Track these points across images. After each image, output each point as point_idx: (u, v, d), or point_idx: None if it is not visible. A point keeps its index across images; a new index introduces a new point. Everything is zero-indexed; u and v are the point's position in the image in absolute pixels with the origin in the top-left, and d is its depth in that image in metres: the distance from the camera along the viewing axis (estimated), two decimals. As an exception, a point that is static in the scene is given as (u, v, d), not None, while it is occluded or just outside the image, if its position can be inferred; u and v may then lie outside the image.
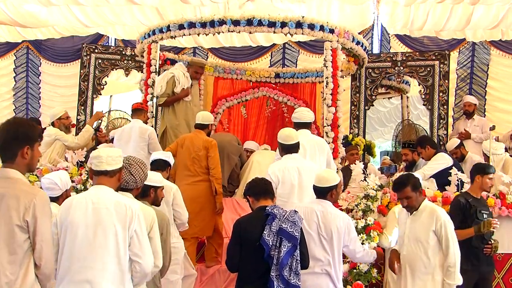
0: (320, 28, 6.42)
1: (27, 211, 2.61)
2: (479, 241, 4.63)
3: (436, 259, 3.98)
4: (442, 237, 3.95)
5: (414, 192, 4.08)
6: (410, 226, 4.10)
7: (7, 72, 12.10)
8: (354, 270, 4.76)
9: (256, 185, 3.92)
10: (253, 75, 8.93)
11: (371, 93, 8.28)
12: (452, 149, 6.81)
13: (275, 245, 3.54)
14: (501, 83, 10.42)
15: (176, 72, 6.97)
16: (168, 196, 4.58)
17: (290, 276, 3.50)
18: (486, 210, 4.77)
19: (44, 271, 2.68)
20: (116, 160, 3.16)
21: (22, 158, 2.72)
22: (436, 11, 9.28)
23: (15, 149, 2.71)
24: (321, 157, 5.18)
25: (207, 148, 5.63)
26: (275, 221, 3.59)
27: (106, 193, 3.05)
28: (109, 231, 2.95)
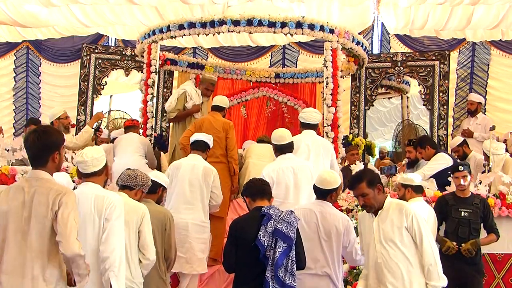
0: (320, 28, 6.42)
1: (54, 204, 2.88)
2: (454, 238, 4.70)
3: (416, 260, 3.50)
4: (415, 232, 3.48)
5: (371, 189, 3.57)
6: (379, 229, 3.57)
7: (7, 72, 12.10)
8: (354, 270, 4.75)
9: (253, 185, 3.91)
10: (253, 75, 8.93)
11: (371, 93, 8.28)
12: (454, 147, 6.82)
13: (271, 246, 3.53)
14: (502, 83, 10.41)
15: (188, 88, 6.89)
16: (209, 178, 4.99)
17: (286, 277, 3.50)
18: (469, 209, 4.78)
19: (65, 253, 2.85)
20: (100, 160, 3.47)
21: (52, 163, 3.05)
22: (436, 11, 9.28)
23: (46, 156, 3.03)
24: (325, 158, 5.20)
25: (226, 129, 5.78)
26: (271, 221, 3.58)
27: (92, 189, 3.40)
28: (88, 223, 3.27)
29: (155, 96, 7.21)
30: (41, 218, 2.89)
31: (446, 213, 4.84)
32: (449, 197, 4.96)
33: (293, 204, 4.52)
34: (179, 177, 4.98)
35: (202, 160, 5.14)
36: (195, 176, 5.02)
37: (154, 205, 4.13)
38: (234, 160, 5.74)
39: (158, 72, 7.34)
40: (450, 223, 4.79)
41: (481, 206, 4.86)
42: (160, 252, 3.97)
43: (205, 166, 5.08)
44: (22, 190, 2.96)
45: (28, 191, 2.94)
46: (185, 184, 4.97)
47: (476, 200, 4.90)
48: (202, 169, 5.04)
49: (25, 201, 2.92)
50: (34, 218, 2.90)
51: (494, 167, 6.12)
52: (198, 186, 4.98)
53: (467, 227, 4.73)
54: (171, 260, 4.14)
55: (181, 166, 5.07)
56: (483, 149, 6.70)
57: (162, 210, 4.20)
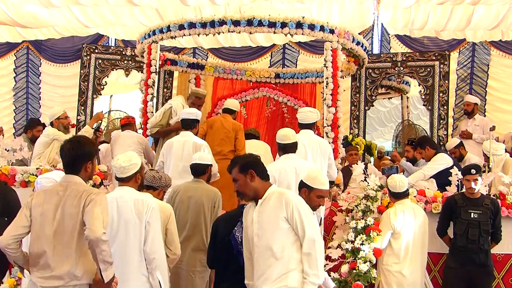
0: (320, 28, 6.42)
1: (85, 203, 3.08)
2: (463, 240, 4.69)
3: (293, 255, 3.18)
4: (296, 223, 3.15)
5: (242, 175, 3.31)
6: (258, 220, 3.25)
7: (7, 72, 12.12)
8: (353, 270, 4.74)
9: None
10: (253, 75, 8.93)
11: (371, 94, 8.28)
12: (451, 149, 6.81)
13: None
14: (501, 83, 10.42)
15: (174, 103, 6.46)
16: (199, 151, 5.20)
17: None
18: (479, 210, 4.77)
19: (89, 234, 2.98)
20: (135, 165, 3.61)
21: (85, 172, 3.28)
22: (436, 12, 9.28)
23: (80, 165, 3.25)
24: (322, 158, 5.19)
25: (236, 130, 6.06)
26: None
27: (129, 193, 3.55)
28: (130, 225, 3.44)
29: (155, 96, 7.20)
30: (73, 219, 3.09)
31: (455, 214, 4.80)
32: (458, 197, 4.89)
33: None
34: (172, 154, 5.37)
35: (192, 136, 5.53)
36: (186, 152, 5.39)
37: (204, 184, 4.71)
38: (242, 149, 5.99)
39: (158, 72, 7.34)
40: (460, 225, 4.74)
41: (491, 206, 4.83)
42: (208, 226, 4.43)
43: (195, 141, 5.44)
44: (57, 193, 3.16)
45: (62, 195, 3.15)
46: (177, 160, 5.34)
47: (486, 200, 4.86)
48: (192, 144, 5.41)
49: (58, 203, 3.13)
50: (66, 219, 3.10)
51: (494, 168, 6.12)
52: (189, 160, 5.12)
53: (477, 229, 4.70)
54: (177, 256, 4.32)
55: (173, 144, 5.49)
56: (482, 149, 6.69)
57: (212, 189, 4.68)
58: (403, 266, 4.70)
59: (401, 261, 4.71)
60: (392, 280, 4.71)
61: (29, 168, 5.96)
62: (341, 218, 5.32)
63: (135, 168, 3.61)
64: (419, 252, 4.80)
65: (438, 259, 5.20)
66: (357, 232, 4.94)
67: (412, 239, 4.74)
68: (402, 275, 4.67)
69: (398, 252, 4.73)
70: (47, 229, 3.10)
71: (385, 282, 4.74)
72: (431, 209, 5.24)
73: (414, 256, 4.74)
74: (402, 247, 4.73)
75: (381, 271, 4.77)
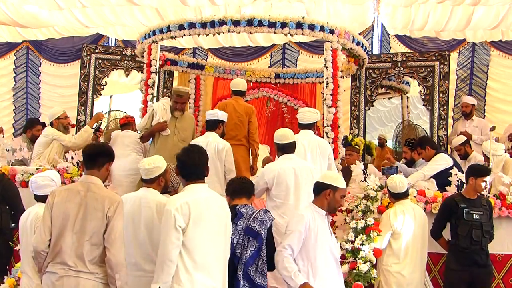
0: (320, 28, 6.42)
1: (109, 211, 3.28)
2: (467, 242, 4.68)
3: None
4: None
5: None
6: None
7: (7, 72, 12.12)
8: (353, 270, 4.75)
9: (232, 184, 3.97)
10: (253, 75, 8.92)
11: (371, 94, 8.27)
12: (457, 145, 6.81)
13: (241, 244, 3.53)
14: (501, 84, 10.42)
15: (155, 104, 6.20)
16: (222, 153, 5.31)
17: (256, 276, 3.49)
18: (480, 211, 4.77)
19: (111, 258, 3.23)
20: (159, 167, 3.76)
21: (106, 170, 3.53)
22: (436, 12, 9.28)
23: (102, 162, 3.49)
24: (322, 158, 5.19)
25: (249, 113, 5.95)
26: (241, 219, 3.59)
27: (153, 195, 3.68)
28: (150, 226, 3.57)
29: (155, 96, 7.19)
30: (96, 222, 3.28)
31: (456, 216, 4.77)
32: (458, 198, 4.85)
33: (294, 205, 4.51)
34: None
35: (216, 136, 5.44)
36: (208, 153, 5.18)
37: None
38: (256, 143, 5.94)
39: (158, 73, 7.32)
40: (463, 226, 4.71)
41: (488, 207, 4.87)
42: None
43: (218, 142, 5.38)
44: (78, 193, 3.35)
45: (84, 195, 3.33)
46: None
47: (483, 201, 4.88)
48: (214, 145, 5.34)
49: (80, 203, 3.31)
50: (89, 220, 3.28)
51: (494, 168, 6.12)
52: (212, 161, 5.10)
53: (479, 230, 4.71)
54: None
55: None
56: (482, 150, 6.69)
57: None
58: (403, 266, 4.71)
59: (401, 262, 4.72)
60: (392, 280, 4.72)
61: (29, 168, 5.96)
62: (341, 218, 5.33)
63: (159, 171, 3.74)
64: (419, 253, 4.80)
65: (438, 259, 5.21)
66: (357, 232, 4.95)
67: (412, 240, 4.74)
68: (402, 276, 4.68)
69: (398, 253, 4.74)
70: (68, 227, 3.27)
71: (385, 283, 4.74)
72: (431, 209, 5.24)
73: (414, 257, 4.74)
74: (402, 248, 4.73)
75: (381, 272, 4.77)
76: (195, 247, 3.16)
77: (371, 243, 4.81)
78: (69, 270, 3.22)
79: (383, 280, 4.76)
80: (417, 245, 4.78)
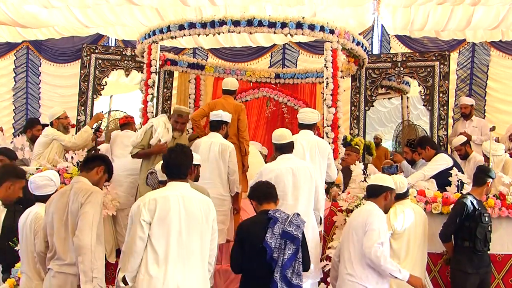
0: (320, 28, 6.42)
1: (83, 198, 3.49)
2: (483, 245, 4.71)
3: None
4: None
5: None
6: None
7: (7, 72, 12.12)
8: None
9: (259, 189, 4.00)
10: (253, 75, 8.93)
11: (371, 94, 8.27)
12: (457, 146, 6.80)
13: (278, 248, 3.62)
14: (501, 84, 10.43)
15: (155, 121, 5.76)
16: (225, 154, 5.34)
17: (293, 277, 3.59)
18: (487, 213, 4.82)
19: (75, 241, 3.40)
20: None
21: (96, 174, 3.73)
22: (436, 12, 9.29)
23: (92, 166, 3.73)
24: (321, 158, 5.19)
25: (238, 111, 5.92)
26: (277, 224, 3.68)
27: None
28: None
29: (155, 96, 7.20)
30: (74, 213, 3.48)
31: (473, 218, 4.70)
32: (474, 201, 4.78)
33: (292, 205, 4.50)
34: (199, 155, 5.17)
35: (219, 137, 5.48)
36: (212, 153, 5.36)
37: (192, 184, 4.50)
38: (246, 140, 5.92)
39: (158, 73, 7.34)
40: (481, 229, 4.68)
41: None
42: None
43: (222, 143, 5.41)
44: (64, 192, 3.60)
45: (68, 193, 3.58)
46: (204, 161, 5.21)
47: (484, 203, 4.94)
48: (218, 146, 5.38)
49: (67, 200, 3.55)
50: (70, 214, 3.51)
51: (494, 168, 6.11)
52: (215, 162, 5.29)
53: (490, 232, 4.76)
54: None
55: (200, 144, 5.45)
56: (482, 150, 6.69)
57: (199, 188, 4.49)
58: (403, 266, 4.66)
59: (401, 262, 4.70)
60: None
61: (29, 168, 5.96)
62: (341, 218, 5.31)
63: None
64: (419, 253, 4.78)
65: (438, 259, 5.19)
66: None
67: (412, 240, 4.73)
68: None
69: (398, 253, 4.72)
70: (58, 225, 3.50)
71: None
72: (431, 210, 5.23)
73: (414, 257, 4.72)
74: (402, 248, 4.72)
75: (381, 272, 4.77)
76: (158, 242, 3.30)
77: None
78: (62, 265, 3.45)
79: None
80: (417, 245, 4.76)
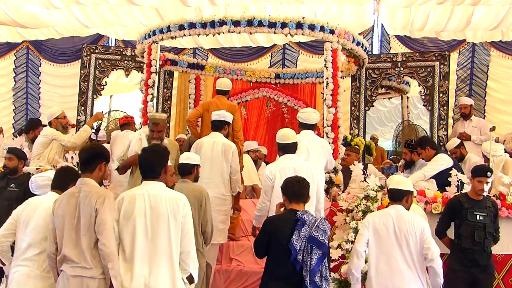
0: (320, 28, 6.42)
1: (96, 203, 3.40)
2: (469, 242, 4.69)
3: None
4: None
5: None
6: None
7: (7, 72, 12.12)
8: (354, 270, 4.74)
9: (293, 186, 3.92)
10: (253, 75, 8.93)
11: (371, 94, 8.27)
12: (452, 149, 6.80)
13: (303, 250, 3.64)
14: (501, 84, 10.43)
15: (131, 135, 5.79)
16: (228, 153, 5.34)
17: (322, 282, 3.63)
18: (484, 212, 4.77)
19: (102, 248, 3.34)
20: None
21: (99, 171, 3.60)
22: (436, 12, 9.29)
23: (94, 164, 3.57)
24: (323, 158, 5.22)
25: (232, 112, 5.87)
26: (304, 227, 3.68)
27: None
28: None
29: (155, 96, 7.21)
30: (88, 217, 3.40)
31: (460, 216, 4.76)
32: (463, 199, 4.84)
33: (295, 205, 4.52)
34: (201, 154, 5.24)
35: (221, 137, 5.49)
36: (215, 153, 5.37)
37: (190, 184, 4.62)
38: (240, 140, 5.92)
39: (158, 73, 7.34)
40: (466, 227, 4.71)
41: (493, 209, 4.84)
42: (197, 226, 4.34)
43: (224, 143, 5.41)
44: (73, 195, 3.50)
45: (77, 196, 3.47)
46: (206, 160, 5.24)
47: (488, 203, 4.86)
48: (221, 146, 5.38)
49: (76, 203, 3.46)
50: (82, 218, 3.41)
51: (494, 169, 6.12)
52: (217, 161, 5.30)
53: (482, 231, 4.69)
54: (208, 233, 4.53)
55: (202, 144, 5.45)
56: (482, 150, 6.69)
57: (198, 188, 4.59)
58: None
59: (401, 262, 4.71)
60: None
61: (29, 168, 5.96)
62: (341, 218, 5.32)
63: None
64: (419, 253, 4.79)
65: (438, 259, 5.20)
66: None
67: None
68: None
69: (398, 253, 4.73)
70: (68, 227, 3.42)
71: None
72: (431, 210, 5.23)
73: (414, 257, 4.73)
74: (402, 248, 4.72)
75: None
76: (125, 240, 3.41)
77: (371, 243, 4.80)
78: (75, 267, 3.37)
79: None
80: (417, 245, 4.77)
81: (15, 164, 5.56)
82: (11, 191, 5.39)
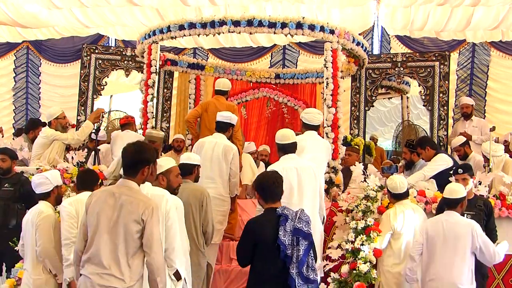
0: (320, 29, 6.42)
1: (144, 215, 3.22)
2: None
3: None
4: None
5: None
6: None
7: (7, 72, 12.13)
8: (354, 271, 4.73)
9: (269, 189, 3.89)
10: (254, 75, 8.93)
11: (371, 94, 8.28)
12: (456, 146, 6.79)
13: (291, 244, 3.65)
14: (501, 84, 10.43)
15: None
16: (229, 155, 5.31)
17: (308, 272, 3.64)
18: (472, 211, 4.78)
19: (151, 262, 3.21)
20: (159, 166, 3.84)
21: (142, 175, 3.38)
22: (436, 12, 9.30)
23: (138, 168, 3.36)
24: (326, 159, 5.24)
25: (231, 112, 5.84)
26: (288, 221, 3.70)
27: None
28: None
29: (155, 96, 7.21)
30: (129, 224, 3.21)
31: None
32: None
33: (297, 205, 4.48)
34: (202, 154, 5.25)
35: (224, 138, 5.46)
36: (215, 153, 5.35)
37: (191, 184, 4.59)
38: (239, 140, 5.92)
39: (158, 73, 7.34)
40: None
41: (484, 208, 4.83)
42: (198, 226, 4.39)
43: (225, 144, 5.39)
44: (113, 195, 3.30)
45: (118, 197, 3.28)
46: (206, 161, 5.24)
47: (479, 202, 4.86)
48: (222, 147, 5.36)
49: (115, 205, 3.26)
50: (122, 222, 3.23)
51: (494, 169, 6.12)
52: (218, 162, 5.28)
53: None
54: (209, 233, 4.52)
55: (204, 144, 5.44)
56: (482, 151, 6.69)
57: (199, 188, 4.58)
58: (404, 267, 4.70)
59: (401, 262, 4.71)
60: (392, 281, 4.71)
61: (29, 168, 5.96)
62: (341, 219, 5.32)
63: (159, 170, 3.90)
64: (420, 253, 4.79)
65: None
66: (357, 232, 4.93)
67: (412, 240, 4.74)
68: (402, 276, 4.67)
69: (399, 253, 4.73)
70: (102, 228, 3.24)
71: (386, 283, 4.72)
72: (431, 210, 5.23)
73: (414, 257, 4.74)
74: (403, 248, 4.72)
75: (382, 272, 4.76)
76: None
77: (371, 244, 4.80)
78: (104, 275, 3.18)
79: (383, 281, 4.75)
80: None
81: (8, 164, 5.63)
82: (6, 191, 5.47)
